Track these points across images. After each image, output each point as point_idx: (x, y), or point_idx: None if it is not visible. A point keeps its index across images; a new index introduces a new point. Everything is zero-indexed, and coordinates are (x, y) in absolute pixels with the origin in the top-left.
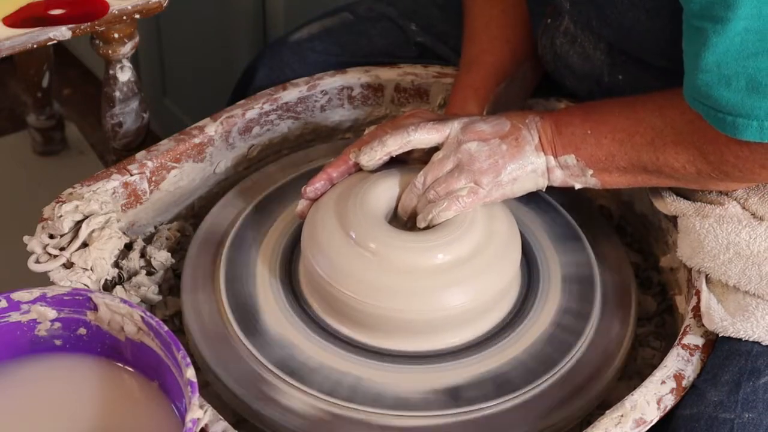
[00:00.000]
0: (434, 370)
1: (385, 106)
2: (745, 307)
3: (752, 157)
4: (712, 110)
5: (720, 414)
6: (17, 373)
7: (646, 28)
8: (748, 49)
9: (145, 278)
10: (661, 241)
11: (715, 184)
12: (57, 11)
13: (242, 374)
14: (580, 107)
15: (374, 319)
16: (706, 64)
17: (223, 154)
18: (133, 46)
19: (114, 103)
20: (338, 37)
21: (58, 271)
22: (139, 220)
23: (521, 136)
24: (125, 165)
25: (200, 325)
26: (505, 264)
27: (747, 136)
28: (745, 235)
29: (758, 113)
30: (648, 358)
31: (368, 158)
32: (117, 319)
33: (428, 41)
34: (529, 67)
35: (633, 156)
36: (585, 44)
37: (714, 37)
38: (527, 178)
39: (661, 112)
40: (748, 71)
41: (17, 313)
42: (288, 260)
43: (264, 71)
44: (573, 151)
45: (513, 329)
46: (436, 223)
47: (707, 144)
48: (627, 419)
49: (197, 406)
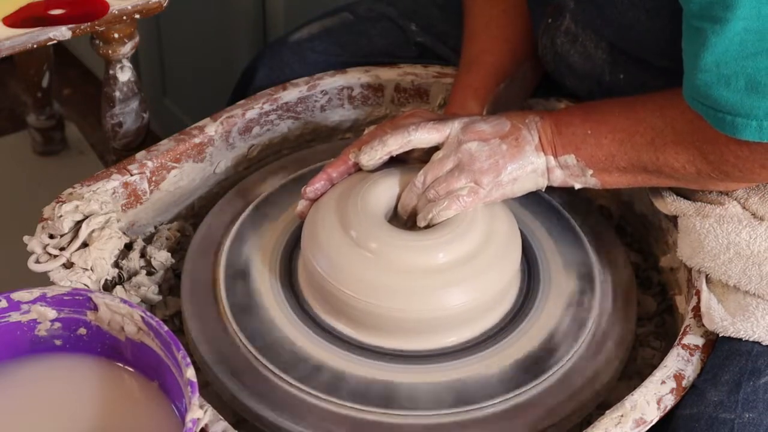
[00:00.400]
0: (434, 369)
1: (385, 106)
2: (745, 307)
3: (752, 157)
4: (712, 110)
5: (720, 414)
6: (17, 373)
7: (646, 28)
8: (747, 49)
9: (145, 278)
10: (661, 241)
11: (715, 184)
12: (57, 11)
13: (242, 374)
14: (580, 107)
15: (374, 319)
16: (706, 64)
17: (223, 154)
18: (133, 46)
19: (114, 103)
20: (338, 37)
21: (58, 271)
22: (139, 220)
23: (521, 136)
24: (125, 165)
25: (200, 325)
26: (505, 264)
27: (746, 135)
28: (746, 235)
29: (757, 113)
30: (648, 358)
31: (368, 158)
32: (117, 319)
33: (428, 41)
34: (529, 67)
35: (633, 156)
36: (586, 43)
37: (713, 37)
38: (527, 178)
39: (662, 112)
40: (747, 71)
41: (17, 313)
42: (288, 260)
43: (264, 71)
44: (573, 151)
45: (513, 329)
46: (436, 222)
47: (707, 144)
48: (627, 419)
49: (197, 406)
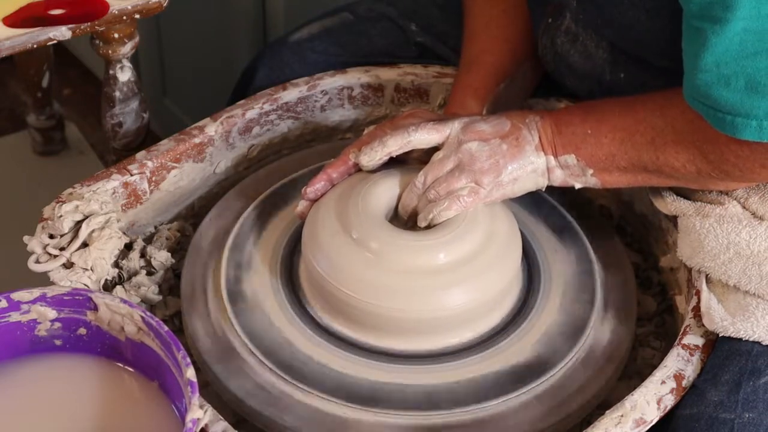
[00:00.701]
0: (435, 369)
1: (385, 106)
2: (745, 307)
3: (752, 157)
4: (712, 110)
5: (720, 414)
6: (17, 373)
7: (646, 28)
8: (747, 49)
9: (145, 278)
10: (661, 241)
11: (716, 184)
12: (57, 11)
13: (242, 374)
14: (580, 107)
15: (375, 319)
16: (706, 64)
17: (223, 154)
18: (133, 46)
19: (114, 103)
20: (338, 37)
21: (58, 271)
22: (139, 220)
23: (521, 136)
24: (125, 165)
25: (200, 325)
26: (506, 264)
27: (746, 135)
28: (746, 235)
29: (757, 113)
30: (648, 358)
31: (368, 158)
32: (117, 319)
33: (428, 41)
34: (529, 67)
35: (633, 155)
36: (587, 43)
37: (713, 37)
38: (528, 178)
39: (662, 111)
40: (747, 71)
41: (17, 313)
42: (288, 260)
43: (264, 71)
44: (573, 150)
45: (513, 329)
46: (436, 222)
47: (707, 143)
48: (627, 419)
49: (197, 406)
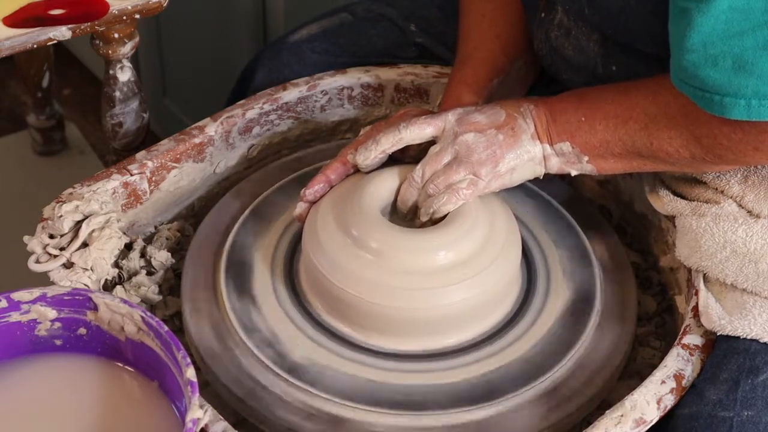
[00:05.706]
0: (435, 369)
1: (385, 106)
2: (742, 305)
3: (745, 139)
4: (700, 91)
5: (719, 412)
6: (17, 373)
7: (634, 13)
8: (733, 28)
9: (145, 278)
10: (661, 241)
11: (710, 168)
12: (57, 11)
13: (242, 374)
14: (574, 93)
15: (376, 318)
16: (692, 45)
17: (223, 154)
18: (133, 46)
19: (114, 103)
20: (337, 38)
21: (58, 271)
22: (139, 220)
23: (517, 125)
24: (125, 165)
25: (200, 325)
26: (506, 263)
27: (735, 114)
28: (742, 233)
29: (745, 92)
30: (648, 358)
31: (363, 158)
32: (117, 319)
33: (427, 42)
34: (524, 63)
35: (627, 141)
36: (579, 36)
37: (699, 16)
38: (525, 167)
39: (654, 97)
40: (734, 50)
41: (17, 313)
42: (289, 260)
43: (263, 72)
44: (568, 138)
45: (513, 329)
46: (437, 216)
47: (700, 128)
48: (627, 419)
49: (197, 406)
